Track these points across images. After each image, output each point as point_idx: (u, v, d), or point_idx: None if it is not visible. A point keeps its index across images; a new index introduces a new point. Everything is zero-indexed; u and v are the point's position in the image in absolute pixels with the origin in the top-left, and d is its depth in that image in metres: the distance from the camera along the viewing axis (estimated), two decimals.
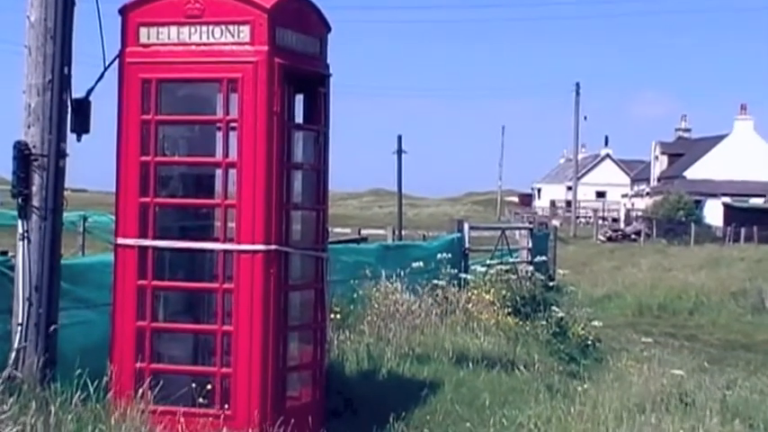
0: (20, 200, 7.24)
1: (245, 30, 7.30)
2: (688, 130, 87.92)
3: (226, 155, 7.42)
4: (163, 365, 7.49)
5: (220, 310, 7.43)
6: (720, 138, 77.99)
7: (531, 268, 20.33)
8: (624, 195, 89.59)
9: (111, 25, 7.55)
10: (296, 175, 7.85)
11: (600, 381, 11.99)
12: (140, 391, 7.09)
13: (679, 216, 65.52)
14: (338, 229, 27.62)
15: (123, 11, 7.52)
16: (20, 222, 7.28)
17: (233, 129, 7.36)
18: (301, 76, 7.77)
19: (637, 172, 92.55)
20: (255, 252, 7.26)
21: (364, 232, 27.94)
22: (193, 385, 7.27)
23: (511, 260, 20.29)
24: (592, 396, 10.21)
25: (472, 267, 17.95)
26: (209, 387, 7.30)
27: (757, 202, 70.25)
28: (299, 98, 8.00)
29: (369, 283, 13.22)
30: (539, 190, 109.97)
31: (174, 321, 7.73)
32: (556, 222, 62.37)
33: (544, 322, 15.31)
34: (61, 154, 7.32)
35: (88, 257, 12.96)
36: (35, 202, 7.25)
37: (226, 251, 7.37)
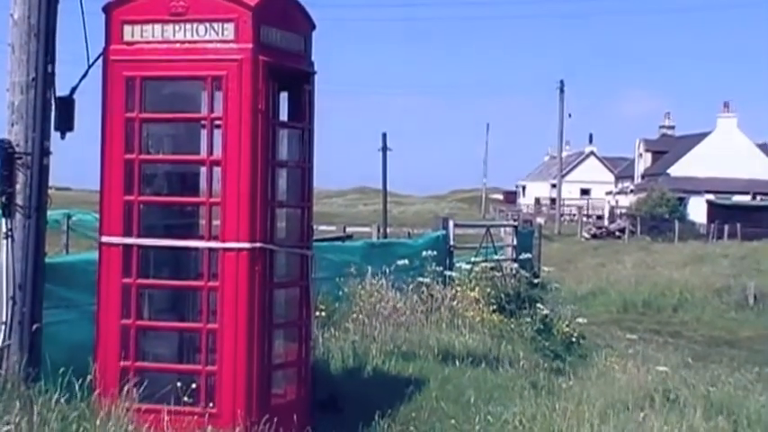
0: (3, 198, 7.21)
1: (230, 27, 7.28)
2: (672, 128, 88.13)
3: (210, 153, 7.39)
4: (148, 364, 7.47)
5: (205, 308, 7.41)
6: (704, 135, 78.20)
7: (515, 265, 20.33)
8: (608, 193, 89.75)
9: (95, 23, 7.54)
10: (281, 172, 7.84)
11: (584, 377, 12.03)
12: (125, 389, 7.07)
13: (663, 213, 65.74)
14: (323, 227, 27.66)
15: (107, 8, 7.49)
16: (3, 221, 7.26)
17: (218, 126, 7.34)
18: (286, 74, 7.76)
19: (621, 169, 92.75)
20: (240, 250, 7.25)
21: (349, 230, 27.99)
22: (178, 383, 7.24)
23: (496, 257, 20.32)
24: (576, 393, 10.24)
25: (457, 265, 17.98)
26: (194, 385, 7.28)
27: (740, 199, 70.47)
28: (284, 96, 7.98)
29: (354, 280, 13.23)
30: (523, 187, 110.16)
31: (159, 319, 7.71)
32: (540, 220, 62.41)
33: (529, 319, 15.36)
34: (45, 152, 7.30)
35: (72, 256, 12.95)
36: (19, 200, 7.22)
37: (211, 249, 7.35)
